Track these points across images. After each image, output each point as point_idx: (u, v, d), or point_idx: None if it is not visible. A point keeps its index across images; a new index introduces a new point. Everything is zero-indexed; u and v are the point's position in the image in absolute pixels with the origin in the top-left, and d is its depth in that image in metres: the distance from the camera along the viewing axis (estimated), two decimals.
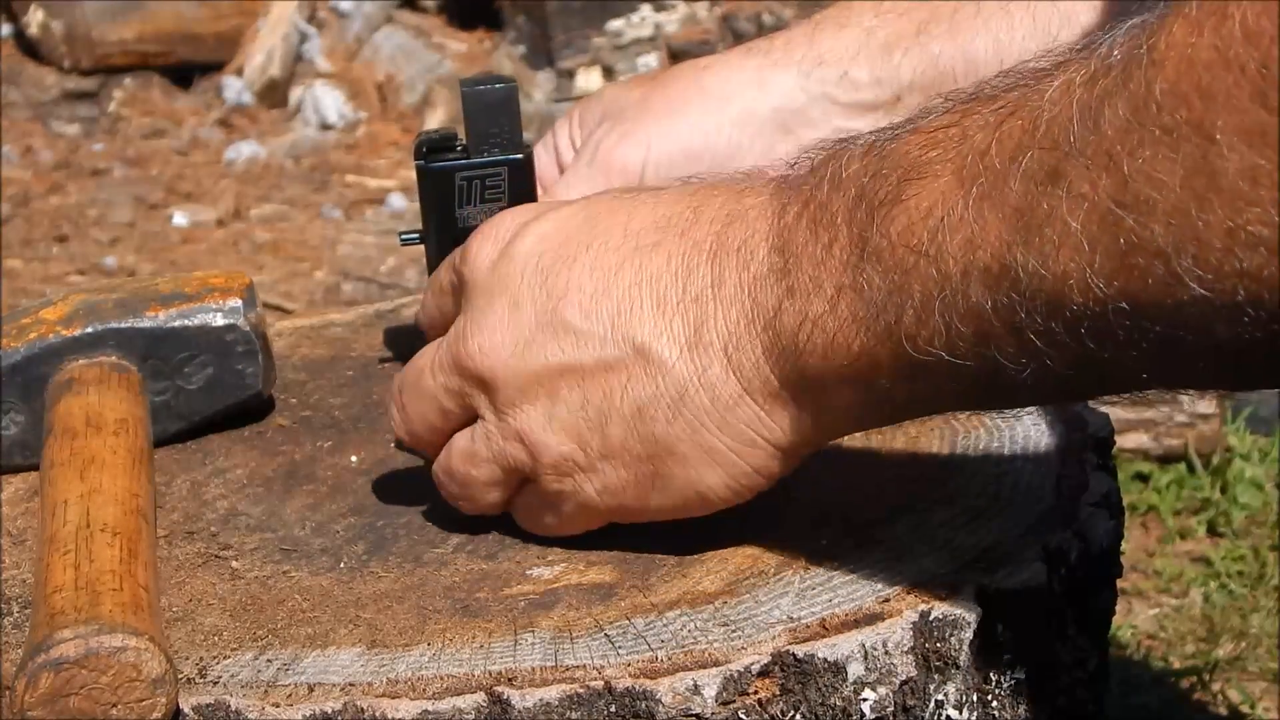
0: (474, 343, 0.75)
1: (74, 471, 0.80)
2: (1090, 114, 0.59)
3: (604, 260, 0.74)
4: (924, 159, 0.65)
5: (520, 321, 0.74)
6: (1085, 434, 0.85)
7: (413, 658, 0.70)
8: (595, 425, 0.73)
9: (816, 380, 0.69)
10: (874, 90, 0.99)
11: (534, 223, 0.77)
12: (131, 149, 4.27)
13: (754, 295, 0.70)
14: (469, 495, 0.78)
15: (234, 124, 4.34)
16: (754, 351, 0.70)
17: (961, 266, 0.63)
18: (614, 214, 0.76)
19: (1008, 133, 0.63)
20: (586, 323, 0.73)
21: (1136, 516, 2.34)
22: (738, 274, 0.71)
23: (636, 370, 0.72)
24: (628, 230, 0.74)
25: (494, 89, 0.92)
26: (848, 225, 0.67)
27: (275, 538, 0.82)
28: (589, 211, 0.76)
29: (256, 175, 4.13)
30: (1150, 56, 0.58)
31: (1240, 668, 1.97)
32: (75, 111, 4.37)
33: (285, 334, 1.08)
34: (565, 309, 0.73)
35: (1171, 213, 0.57)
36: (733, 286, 0.71)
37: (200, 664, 0.71)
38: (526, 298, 0.74)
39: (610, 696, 0.67)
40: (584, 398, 0.73)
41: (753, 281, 0.70)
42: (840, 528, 0.78)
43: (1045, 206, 0.60)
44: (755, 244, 0.71)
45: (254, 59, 4.38)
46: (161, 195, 4.05)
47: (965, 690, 0.72)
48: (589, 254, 0.74)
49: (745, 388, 0.71)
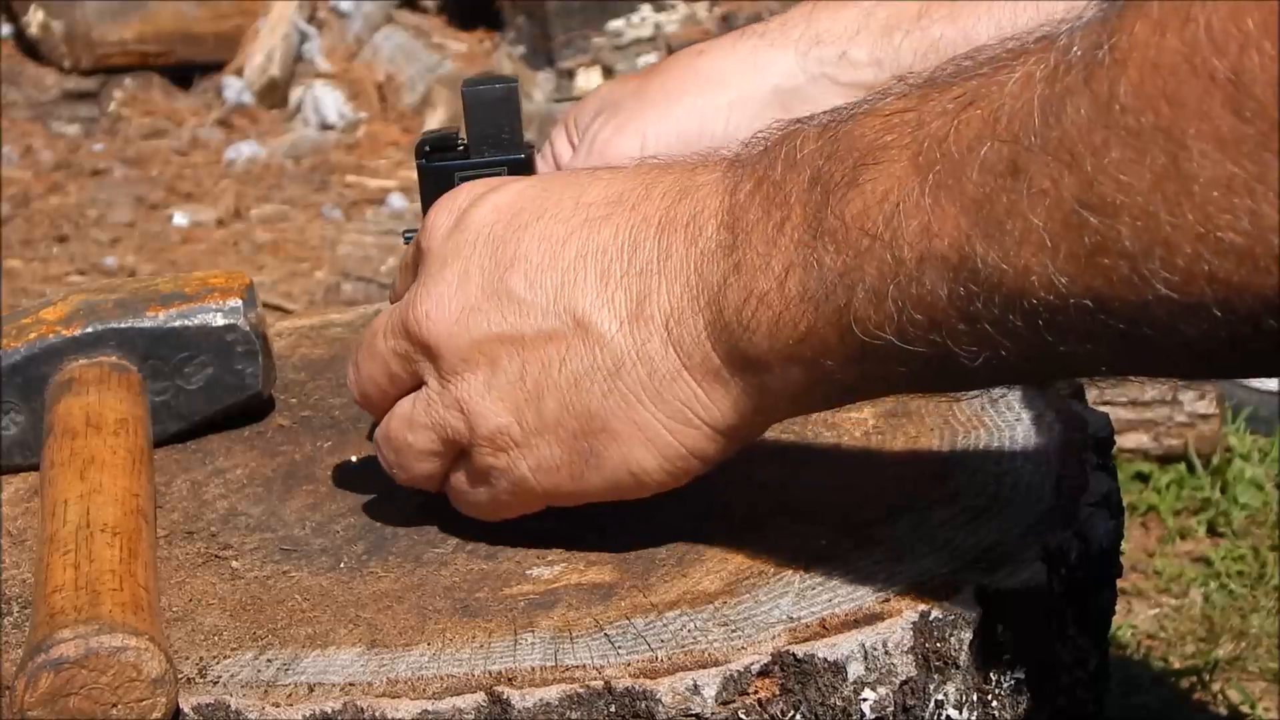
0: (421, 309, 0.75)
1: (74, 471, 0.80)
2: (1052, 110, 0.59)
3: (553, 231, 0.74)
4: (880, 143, 0.65)
5: (468, 289, 0.74)
6: (1085, 434, 0.85)
7: (413, 658, 0.70)
8: (532, 397, 0.73)
9: (759, 359, 0.69)
10: (873, 70, 0.98)
11: (490, 194, 0.77)
12: (131, 149, 4.27)
13: (699, 270, 0.70)
14: (404, 463, 0.78)
15: (234, 124, 4.34)
16: (695, 327, 0.70)
17: (917, 253, 0.63)
18: (568, 187, 0.76)
19: (966, 122, 0.62)
20: (530, 293, 0.73)
21: (1136, 516, 2.34)
22: (684, 248, 0.71)
23: (575, 342, 0.72)
24: (579, 203, 0.74)
25: (493, 88, 0.92)
26: (801, 205, 0.67)
27: (275, 538, 0.82)
28: (545, 184, 0.77)
29: (256, 175, 4.13)
30: (1112, 55, 0.57)
31: (1240, 668, 1.97)
32: (75, 111, 4.37)
33: (285, 334, 1.08)
34: (511, 278, 0.73)
35: (1139, 215, 0.56)
36: (678, 261, 0.71)
37: (200, 664, 0.71)
38: (475, 266, 0.74)
39: (610, 696, 0.67)
40: (522, 368, 0.73)
41: (699, 257, 0.70)
42: (840, 528, 0.78)
43: (1005, 200, 0.60)
44: (704, 219, 0.71)
45: (254, 59, 4.38)
46: (161, 195, 4.05)
47: (965, 690, 0.72)
48: (539, 224, 0.74)
49: (684, 363, 0.71)
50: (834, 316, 0.66)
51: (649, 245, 0.72)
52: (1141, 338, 0.59)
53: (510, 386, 0.73)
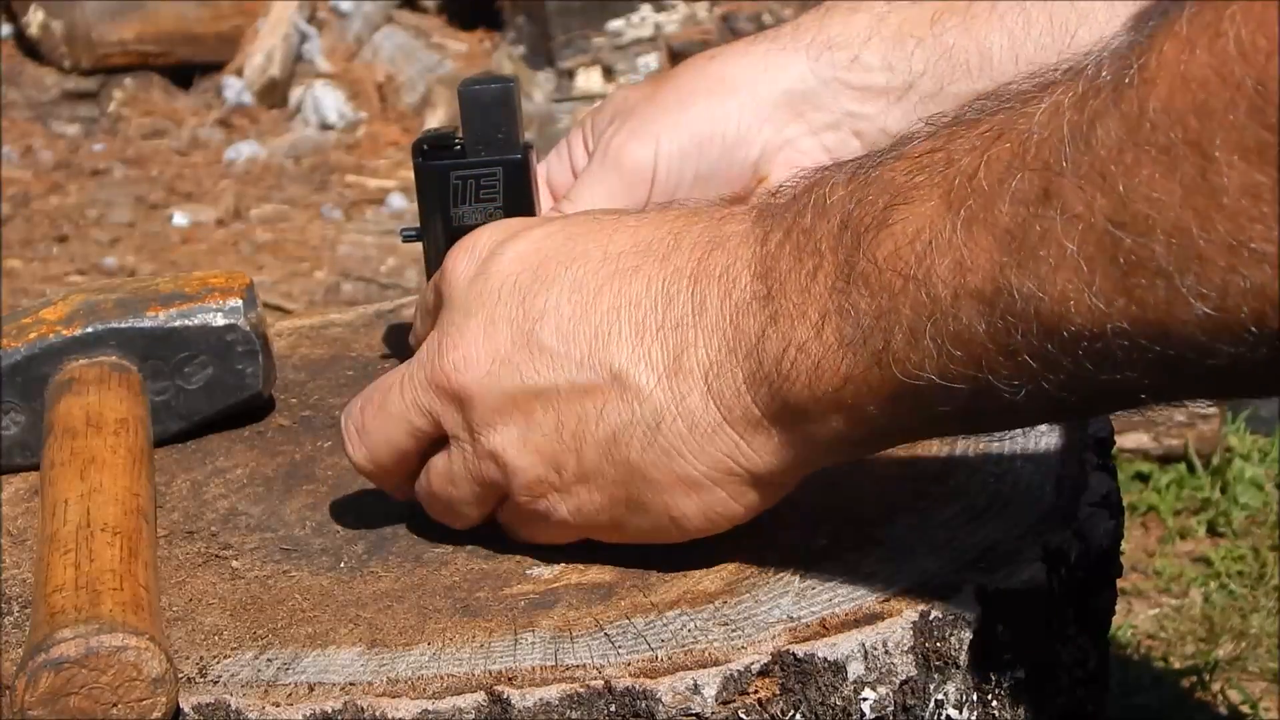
0: (449, 359, 0.74)
1: (74, 471, 0.80)
2: (1081, 134, 0.59)
3: (583, 282, 0.73)
4: (910, 184, 0.65)
5: (496, 340, 0.73)
6: (1085, 434, 0.85)
7: (413, 657, 0.70)
8: (569, 449, 0.73)
9: (800, 408, 0.69)
10: (885, 75, 0.98)
11: (511, 241, 0.76)
12: (131, 149, 4.27)
13: (736, 322, 0.70)
14: (454, 514, 0.78)
15: (234, 124, 4.34)
16: (735, 380, 0.70)
17: (951, 290, 0.63)
18: (592, 235, 0.75)
19: (996, 156, 0.62)
20: (564, 345, 0.72)
21: (1136, 516, 2.34)
22: (719, 301, 0.70)
23: (612, 396, 0.72)
24: (607, 253, 0.74)
25: (490, 88, 0.92)
26: (832, 252, 0.67)
27: (275, 537, 0.82)
28: (568, 232, 0.76)
29: (256, 175, 4.13)
30: (1141, 75, 0.57)
31: (1240, 668, 1.97)
32: (75, 111, 4.37)
33: (285, 334, 1.08)
34: (542, 330, 0.73)
35: (1171, 231, 0.56)
36: (714, 314, 0.70)
37: (200, 663, 0.71)
38: (503, 317, 0.74)
39: (610, 696, 0.67)
40: (558, 421, 0.72)
41: (735, 309, 0.70)
42: (840, 528, 0.78)
43: (1039, 228, 0.60)
44: (737, 271, 0.70)
45: (254, 59, 4.38)
46: (161, 195, 4.05)
47: (965, 690, 0.72)
48: (567, 275, 0.73)
49: (725, 416, 0.70)
50: (873, 360, 0.66)
51: (683, 298, 0.71)
52: (1181, 361, 0.58)
53: (546, 440, 0.73)
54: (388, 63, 4.37)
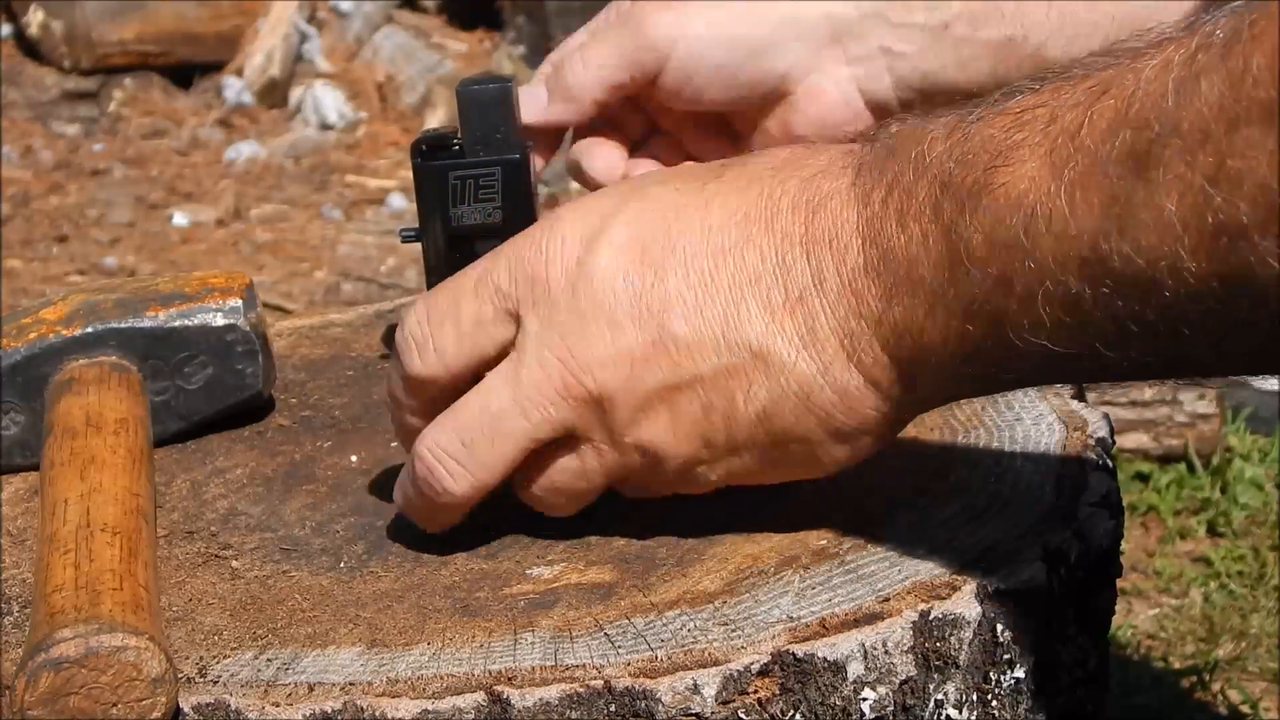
0: (583, 369, 0.72)
1: (74, 471, 0.80)
2: (1185, 91, 0.59)
3: (695, 264, 0.72)
4: (1011, 143, 0.65)
5: (626, 340, 0.72)
6: (1085, 434, 0.85)
7: (412, 657, 0.70)
8: (720, 428, 0.73)
9: (930, 366, 0.70)
10: (925, 14, 0.97)
11: (603, 234, 0.74)
12: (131, 149, 4.27)
13: (855, 290, 0.70)
14: (574, 505, 0.78)
15: (234, 124, 4.34)
16: (871, 346, 0.70)
17: (1058, 258, 0.63)
18: (685, 212, 0.74)
19: (1100, 112, 0.62)
20: (696, 333, 0.72)
21: (1136, 516, 2.34)
22: (835, 269, 0.71)
23: (757, 374, 0.72)
24: (707, 227, 0.73)
25: (488, 88, 0.92)
26: (936, 217, 0.67)
27: (275, 537, 0.82)
28: (655, 213, 0.74)
29: (256, 175, 4.13)
30: (1251, 31, 0.57)
31: (1240, 668, 1.97)
32: (75, 111, 4.37)
33: (285, 334, 1.08)
34: (671, 323, 0.72)
35: (1257, 190, 0.56)
36: (834, 282, 0.71)
37: (200, 663, 0.71)
38: (624, 316, 0.72)
39: (610, 696, 0.67)
40: (706, 404, 0.73)
41: (852, 276, 0.70)
42: (840, 527, 0.78)
43: (1142, 192, 0.60)
44: (846, 237, 0.70)
45: (254, 59, 4.38)
46: (161, 195, 4.05)
47: (965, 690, 0.72)
48: (675, 259, 0.73)
49: (867, 378, 0.71)
50: (991, 327, 0.67)
51: (800, 266, 0.71)
52: (1269, 326, 0.59)
53: (695, 424, 0.73)
54: (388, 63, 4.37)
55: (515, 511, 0.82)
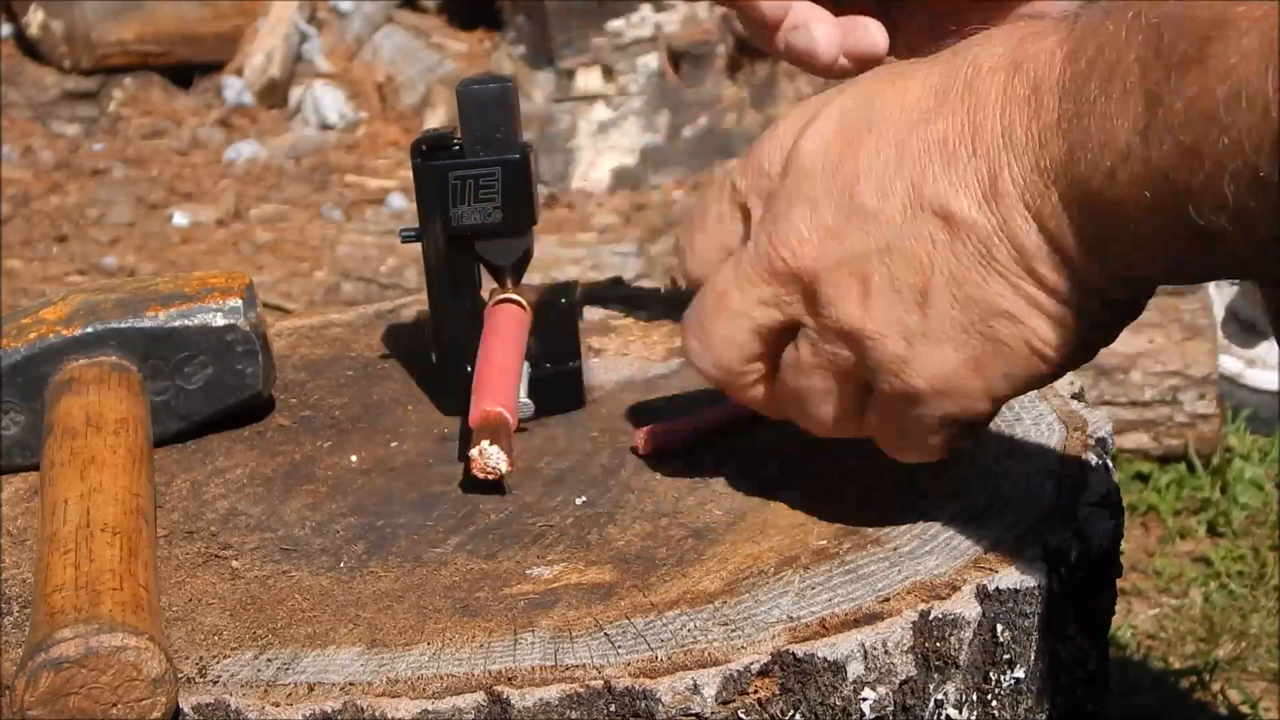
0: (783, 245, 0.74)
1: (74, 471, 0.80)
2: None
3: (887, 136, 0.73)
4: (1232, 15, 0.63)
5: (822, 217, 0.73)
6: (1085, 434, 0.85)
7: (412, 657, 0.70)
8: (911, 303, 0.72)
9: (1110, 230, 0.68)
10: None
11: (811, 123, 0.75)
12: (131, 149, 4.27)
13: (1045, 144, 0.69)
14: (812, 414, 0.77)
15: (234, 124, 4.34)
16: (1051, 199, 0.69)
17: (1254, 139, 0.62)
18: (885, 94, 0.74)
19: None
20: (884, 201, 0.72)
21: (1136, 516, 2.34)
22: (1027, 123, 0.70)
23: (940, 235, 0.71)
24: (905, 103, 0.73)
25: (488, 88, 0.92)
26: (1142, 79, 0.65)
27: (275, 537, 0.82)
28: (862, 94, 0.75)
29: (256, 175, 4.13)
30: None
31: (1240, 668, 1.97)
32: (75, 111, 4.37)
33: (285, 334, 1.08)
34: (861, 194, 0.72)
35: None
36: (1023, 136, 0.70)
37: (200, 663, 0.71)
38: (822, 193, 0.73)
39: (610, 696, 0.67)
40: (893, 275, 0.72)
41: (1042, 130, 0.69)
42: (840, 527, 0.78)
43: None
44: (1044, 92, 0.69)
45: (254, 59, 4.38)
46: (161, 195, 4.05)
47: (965, 690, 0.72)
48: (871, 135, 0.73)
49: (1047, 236, 0.70)
50: (1171, 199, 0.65)
51: (990, 124, 0.70)
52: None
53: (887, 299, 0.72)
54: (388, 63, 4.38)
55: (516, 511, 0.82)
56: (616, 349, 1.03)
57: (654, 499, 0.83)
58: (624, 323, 1.07)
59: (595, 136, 4.16)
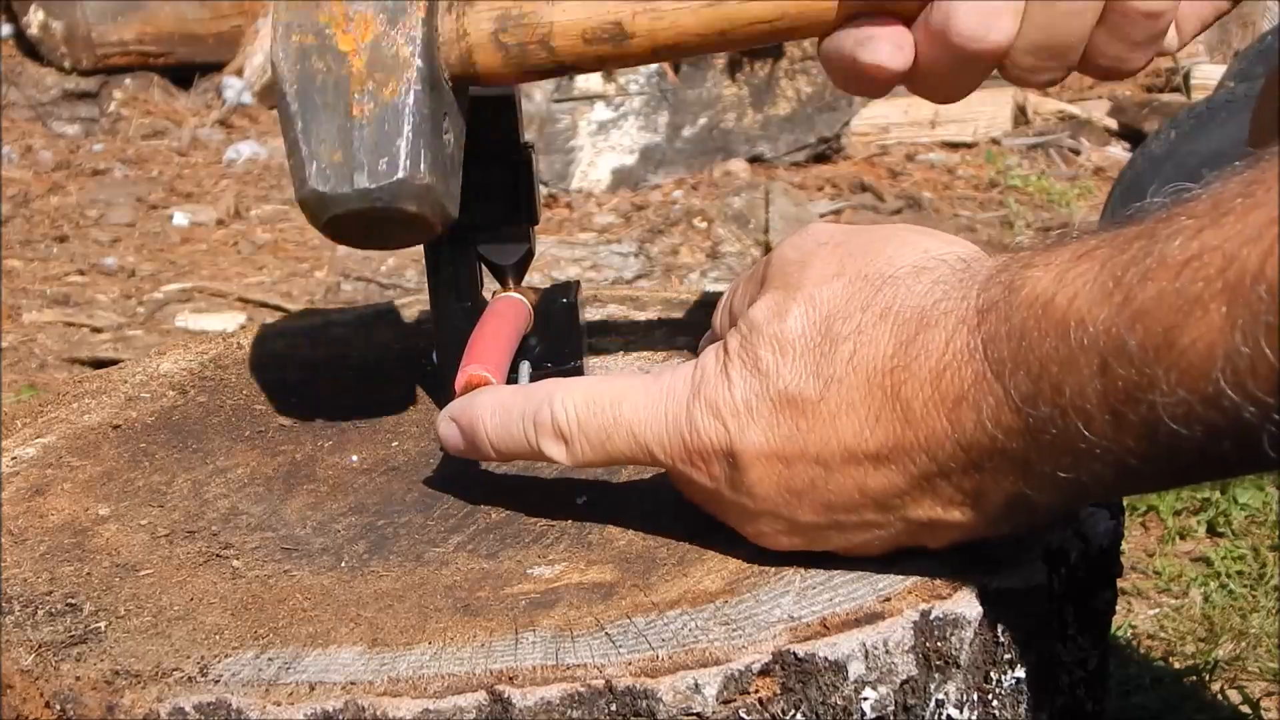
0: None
1: None
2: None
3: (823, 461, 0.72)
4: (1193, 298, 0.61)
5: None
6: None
7: (414, 656, 0.70)
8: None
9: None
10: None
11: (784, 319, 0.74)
12: (131, 149, 4.27)
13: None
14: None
15: (234, 124, 4.34)
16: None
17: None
18: (819, 414, 0.72)
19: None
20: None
21: (1136, 516, 2.34)
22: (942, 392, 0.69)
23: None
24: (840, 440, 0.72)
25: (491, 90, 0.92)
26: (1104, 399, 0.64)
27: (276, 537, 0.82)
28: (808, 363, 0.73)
29: (256, 175, 4.13)
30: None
31: (1240, 668, 1.97)
32: (75, 111, 4.38)
33: (285, 334, 1.08)
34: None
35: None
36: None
37: (201, 663, 0.71)
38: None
39: (611, 695, 0.67)
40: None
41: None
42: None
43: None
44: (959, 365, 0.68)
45: (254, 59, 4.38)
46: (161, 195, 4.06)
47: (966, 689, 0.72)
48: (806, 461, 0.73)
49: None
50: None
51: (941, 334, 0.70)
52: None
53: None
54: None
55: (517, 510, 0.82)
56: (617, 349, 1.03)
57: (655, 498, 0.83)
58: (624, 323, 1.07)
59: (595, 136, 4.17)
